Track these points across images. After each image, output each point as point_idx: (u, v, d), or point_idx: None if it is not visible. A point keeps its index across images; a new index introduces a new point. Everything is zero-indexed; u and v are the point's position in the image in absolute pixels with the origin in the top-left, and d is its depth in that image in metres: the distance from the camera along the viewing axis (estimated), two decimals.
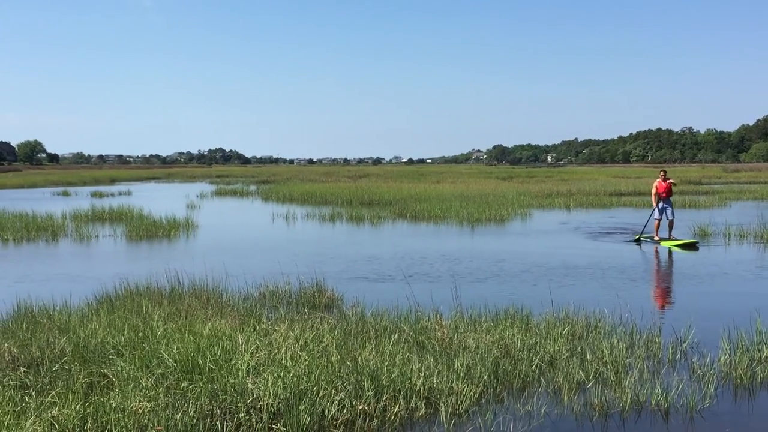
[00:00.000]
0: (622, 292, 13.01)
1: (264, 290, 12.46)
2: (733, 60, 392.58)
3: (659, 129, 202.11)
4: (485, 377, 7.70)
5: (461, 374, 7.63)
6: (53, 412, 6.31)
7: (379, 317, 9.97)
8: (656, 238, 21.11)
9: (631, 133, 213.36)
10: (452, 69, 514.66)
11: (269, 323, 9.51)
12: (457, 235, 23.81)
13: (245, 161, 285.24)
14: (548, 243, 21.18)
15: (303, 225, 28.08)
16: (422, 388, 7.29)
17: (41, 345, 8.38)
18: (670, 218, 21.29)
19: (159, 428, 6.13)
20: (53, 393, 6.76)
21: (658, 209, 21.38)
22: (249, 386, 6.84)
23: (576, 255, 18.33)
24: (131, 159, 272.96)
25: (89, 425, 6.18)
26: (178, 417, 6.27)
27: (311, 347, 8.18)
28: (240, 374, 7.12)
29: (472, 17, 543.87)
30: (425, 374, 7.51)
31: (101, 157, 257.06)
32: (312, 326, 9.29)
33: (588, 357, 8.49)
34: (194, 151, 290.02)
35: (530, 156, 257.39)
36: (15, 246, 21.73)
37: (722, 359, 8.59)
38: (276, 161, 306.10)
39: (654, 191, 21.65)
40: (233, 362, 7.46)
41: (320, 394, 6.83)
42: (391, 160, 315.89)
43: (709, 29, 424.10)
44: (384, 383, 7.20)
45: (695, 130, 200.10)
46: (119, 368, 7.48)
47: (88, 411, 6.34)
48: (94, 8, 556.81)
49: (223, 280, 12.74)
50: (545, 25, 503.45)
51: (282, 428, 6.40)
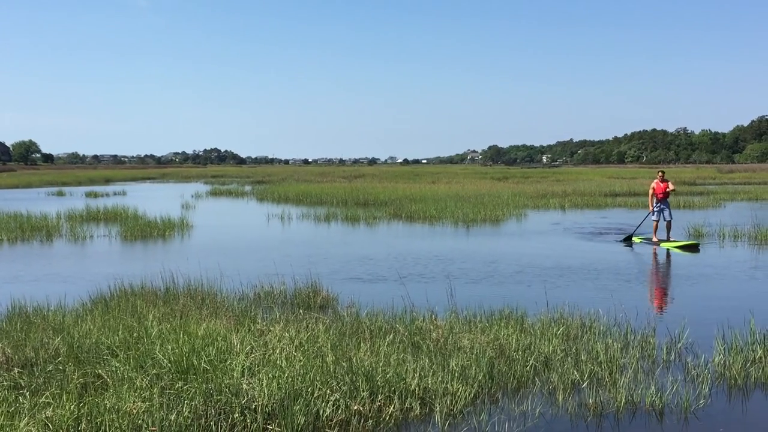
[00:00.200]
0: (617, 293, 13.03)
1: (259, 290, 12.45)
2: (728, 61, 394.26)
3: (654, 130, 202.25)
4: (480, 378, 7.71)
5: (456, 375, 7.64)
6: (47, 413, 6.31)
7: (374, 318, 9.96)
8: (655, 240, 20.92)
9: (626, 134, 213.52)
10: (447, 69, 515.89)
11: (264, 324, 9.50)
12: (453, 236, 23.82)
13: (240, 161, 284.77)
14: (543, 244, 21.20)
15: (298, 225, 28.07)
16: (417, 389, 7.29)
17: (35, 345, 8.37)
18: (668, 219, 21.03)
19: (153, 428, 6.13)
20: (47, 393, 6.75)
21: (656, 210, 21.14)
22: (244, 387, 6.83)
23: (570, 256, 18.36)
24: (126, 159, 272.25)
25: (83, 426, 6.18)
26: (173, 417, 6.27)
27: (306, 348, 8.18)
28: (235, 375, 7.12)
29: (468, 18, 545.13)
30: (420, 375, 7.51)
31: (96, 157, 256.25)
32: (307, 327, 9.29)
33: (583, 357, 8.49)
34: (189, 152, 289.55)
35: (525, 156, 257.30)
36: (9, 246, 21.68)
37: (716, 360, 8.61)
38: (271, 161, 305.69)
39: (651, 192, 21.41)
40: (228, 363, 7.45)
41: (315, 395, 6.83)
42: (387, 161, 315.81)
43: (704, 30, 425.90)
44: (379, 384, 7.20)
45: (690, 131, 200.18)
46: (114, 369, 7.48)
47: (83, 411, 6.33)
48: (90, 8, 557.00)
49: (218, 281, 12.71)
50: (541, 26, 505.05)
51: (276, 429, 6.40)
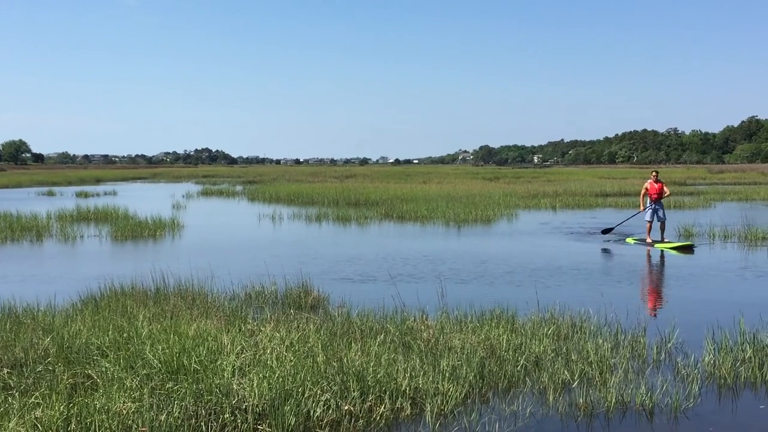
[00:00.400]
0: (607, 293, 13.06)
1: (250, 290, 12.43)
2: (719, 62, 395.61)
3: (644, 130, 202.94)
4: (471, 377, 7.71)
5: (447, 374, 7.64)
6: (37, 413, 6.28)
7: (365, 318, 9.96)
8: (648, 241, 20.72)
9: (617, 134, 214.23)
10: (439, 69, 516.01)
11: (255, 324, 9.49)
12: (444, 236, 23.84)
13: (231, 161, 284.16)
14: (533, 244, 21.23)
15: (289, 225, 28.04)
16: (408, 389, 7.29)
17: (25, 346, 8.32)
18: (662, 220, 20.82)
19: (143, 429, 6.11)
20: (37, 394, 6.72)
21: (650, 211, 20.91)
22: (234, 387, 6.82)
23: (561, 256, 18.40)
24: (117, 159, 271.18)
25: (73, 426, 6.15)
26: (163, 418, 6.25)
27: (297, 348, 8.17)
28: (225, 375, 7.10)
29: (459, 18, 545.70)
30: (411, 375, 7.52)
31: (87, 157, 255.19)
32: (298, 327, 9.28)
33: (573, 357, 8.51)
34: (180, 151, 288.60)
35: (516, 157, 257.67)
36: None
37: (706, 359, 8.64)
38: (262, 161, 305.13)
39: (644, 192, 21.20)
40: (218, 363, 7.43)
41: (306, 395, 6.82)
42: (378, 161, 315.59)
43: (696, 31, 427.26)
44: (370, 384, 7.20)
45: (680, 131, 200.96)
46: (104, 369, 7.45)
47: (72, 412, 6.31)
48: (81, 8, 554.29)
49: (209, 281, 12.67)
50: (534, 27, 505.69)
51: (267, 429, 6.39)
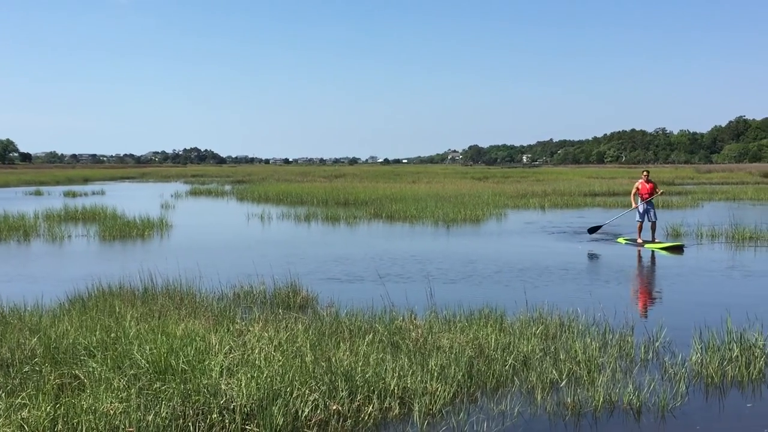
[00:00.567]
0: (596, 293, 13.11)
1: (238, 290, 12.40)
2: (706, 62, 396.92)
3: (633, 130, 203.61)
4: (459, 377, 7.72)
5: (435, 374, 7.65)
6: (23, 414, 6.25)
7: (354, 317, 9.95)
8: (639, 241, 20.64)
9: (606, 134, 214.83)
10: (428, 69, 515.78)
11: (243, 324, 9.47)
12: (432, 236, 23.86)
13: (220, 161, 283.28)
14: (522, 243, 21.28)
15: (278, 225, 28.00)
16: (396, 388, 7.29)
17: (11, 346, 8.28)
18: (653, 220, 20.71)
19: (130, 429, 6.09)
20: (23, 394, 6.68)
21: (640, 211, 20.81)
22: (222, 387, 6.80)
23: (549, 255, 18.45)
24: (105, 158, 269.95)
25: (60, 427, 6.12)
26: (150, 418, 6.23)
27: (285, 347, 8.15)
28: (213, 375, 7.08)
29: (447, 18, 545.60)
30: (399, 374, 7.52)
31: (75, 157, 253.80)
32: (286, 326, 9.27)
33: (561, 356, 8.54)
34: (169, 151, 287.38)
35: (506, 156, 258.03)
36: None
37: (693, 358, 8.68)
38: (251, 161, 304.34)
39: (635, 191, 21.11)
40: (206, 363, 7.41)
41: (294, 395, 6.81)
42: (367, 160, 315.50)
43: (682, 31, 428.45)
44: (358, 383, 7.20)
45: (668, 131, 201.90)
46: (91, 369, 7.41)
47: (59, 412, 6.27)
48: (69, 6, 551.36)
49: (197, 281, 12.63)
50: (522, 27, 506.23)
51: (255, 429, 6.38)
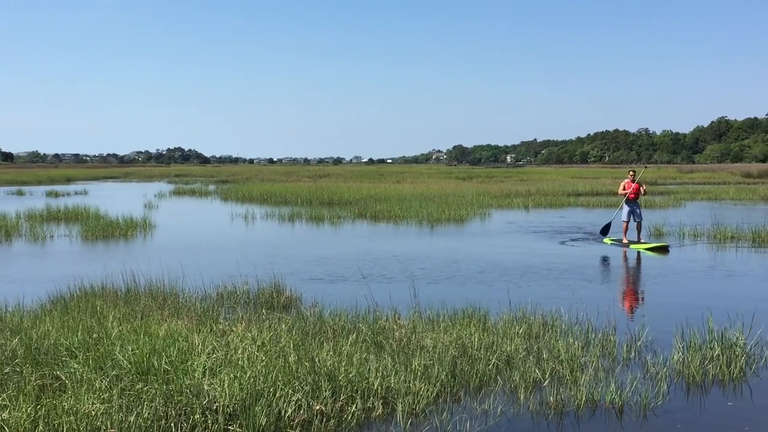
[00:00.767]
0: (579, 292, 13.16)
1: (221, 290, 12.35)
2: (689, 62, 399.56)
3: (616, 130, 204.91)
4: (442, 377, 7.73)
5: (419, 374, 7.65)
6: (3, 415, 6.19)
7: (338, 317, 9.95)
8: (625, 241, 20.68)
9: (589, 134, 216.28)
10: (412, 69, 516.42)
11: (226, 324, 9.43)
12: (417, 236, 23.89)
13: (204, 161, 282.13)
14: (506, 243, 21.33)
15: (262, 225, 27.93)
16: (379, 388, 7.30)
17: None
18: (638, 220, 20.77)
19: (112, 430, 6.05)
20: (4, 395, 6.61)
21: (626, 211, 20.84)
22: (205, 387, 6.78)
23: (532, 255, 18.52)
24: (88, 158, 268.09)
25: (41, 428, 6.08)
26: (132, 419, 6.20)
27: (269, 348, 8.13)
28: (196, 375, 7.05)
29: (431, 18, 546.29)
30: (383, 374, 7.52)
31: (57, 156, 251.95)
32: (270, 326, 9.24)
33: (544, 356, 8.57)
34: (152, 150, 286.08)
35: (490, 156, 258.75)
36: None
37: (675, 357, 8.73)
38: (236, 161, 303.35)
39: (621, 190, 21.18)
40: (189, 363, 7.38)
41: (277, 395, 6.80)
42: (352, 160, 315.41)
43: (665, 32, 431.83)
44: (341, 383, 7.20)
45: (651, 132, 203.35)
46: (72, 370, 7.36)
47: (40, 413, 6.23)
48: (53, 5, 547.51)
49: (180, 281, 12.58)
50: (506, 27, 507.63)
51: (238, 429, 6.36)
